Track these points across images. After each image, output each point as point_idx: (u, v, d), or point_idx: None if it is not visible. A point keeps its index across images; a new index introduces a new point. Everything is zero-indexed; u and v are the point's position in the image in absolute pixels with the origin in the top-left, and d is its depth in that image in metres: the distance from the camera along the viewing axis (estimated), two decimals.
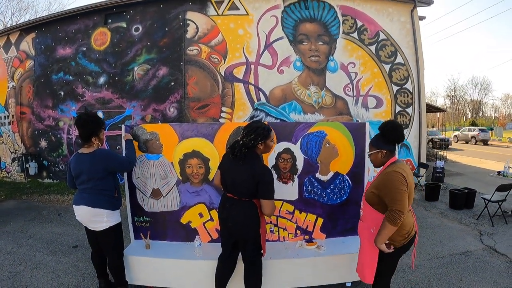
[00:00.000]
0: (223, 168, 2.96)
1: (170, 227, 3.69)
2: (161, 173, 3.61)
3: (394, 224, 2.38)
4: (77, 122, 3.15)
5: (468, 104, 60.77)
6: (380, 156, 2.64)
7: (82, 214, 3.12)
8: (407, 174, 2.49)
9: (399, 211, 2.35)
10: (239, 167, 2.76)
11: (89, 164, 3.05)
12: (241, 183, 2.77)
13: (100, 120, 3.26)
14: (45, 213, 6.95)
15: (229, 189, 2.87)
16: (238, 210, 2.82)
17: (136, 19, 9.35)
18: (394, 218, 2.37)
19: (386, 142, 2.61)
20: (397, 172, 2.46)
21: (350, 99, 9.08)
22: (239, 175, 2.78)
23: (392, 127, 2.58)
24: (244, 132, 2.81)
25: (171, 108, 9.07)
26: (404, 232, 2.53)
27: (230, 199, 2.86)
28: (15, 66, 10.75)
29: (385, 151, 2.61)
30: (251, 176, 2.72)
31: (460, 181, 9.75)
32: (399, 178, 2.43)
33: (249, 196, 2.81)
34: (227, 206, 2.87)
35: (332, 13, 9.02)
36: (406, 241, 2.58)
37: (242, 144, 2.78)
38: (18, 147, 10.79)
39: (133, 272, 3.42)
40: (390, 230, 2.43)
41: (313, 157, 3.59)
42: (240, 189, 2.80)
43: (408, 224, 2.57)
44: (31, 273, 4.11)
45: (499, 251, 4.65)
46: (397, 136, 2.59)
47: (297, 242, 3.63)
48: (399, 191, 2.40)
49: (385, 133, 2.61)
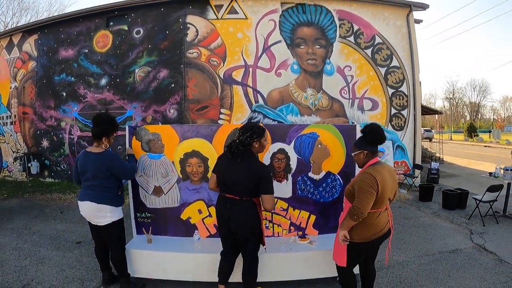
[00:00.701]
0: (220, 170, 3.00)
1: (171, 223, 3.86)
2: (162, 172, 3.78)
3: (353, 219, 2.60)
4: (94, 119, 3.33)
5: (467, 106, 60.92)
6: (362, 157, 2.79)
7: (87, 209, 3.28)
8: (382, 177, 2.63)
9: (359, 208, 2.55)
10: (238, 166, 2.84)
11: (95, 163, 3.22)
12: (241, 182, 2.84)
13: (116, 124, 3.44)
14: (47, 211, 7.06)
15: (229, 189, 2.92)
16: (241, 210, 2.88)
17: (137, 22, 9.52)
18: (353, 213, 2.57)
19: (368, 143, 2.76)
20: (370, 174, 2.61)
21: (346, 101, 9.27)
22: (238, 174, 2.84)
23: (373, 129, 2.74)
24: (240, 131, 2.91)
25: (171, 109, 9.23)
26: (371, 232, 2.71)
27: (231, 200, 2.91)
28: (17, 67, 10.91)
29: (366, 151, 2.76)
30: (250, 173, 2.81)
31: (455, 182, 9.87)
32: (370, 181, 2.58)
33: (249, 195, 2.88)
34: (228, 207, 2.91)
35: (329, 17, 9.22)
36: (371, 239, 2.73)
37: (238, 142, 2.86)
38: (20, 147, 10.93)
39: (135, 265, 3.58)
40: (350, 223, 2.65)
41: (306, 157, 3.76)
42: (240, 188, 2.86)
43: (380, 223, 2.73)
44: (36, 267, 4.23)
45: (488, 249, 4.77)
46: (377, 137, 2.74)
47: (291, 237, 3.80)
48: (365, 192, 2.57)
49: (366, 135, 2.77)
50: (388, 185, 2.69)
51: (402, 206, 7.28)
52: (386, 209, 2.81)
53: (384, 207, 2.74)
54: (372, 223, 2.68)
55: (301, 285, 3.63)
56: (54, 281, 3.85)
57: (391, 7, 9.52)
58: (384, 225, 2.77)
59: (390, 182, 2.72)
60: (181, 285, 3.64)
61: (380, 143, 2.79)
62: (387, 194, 2.69)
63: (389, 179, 2.72)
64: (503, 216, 6.26)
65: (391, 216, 2.89)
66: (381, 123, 9.30)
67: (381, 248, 3.09)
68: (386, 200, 2.73)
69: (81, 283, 3.81)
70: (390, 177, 2.75)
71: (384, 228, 2.78)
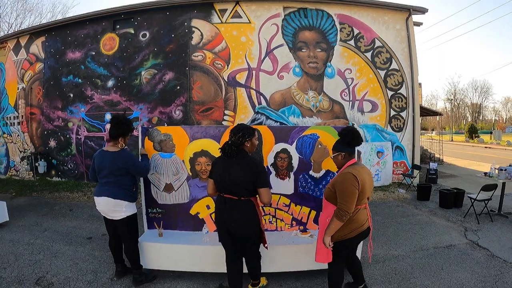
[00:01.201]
0: (217, 173, 3.05)
1: (180, 218, 4.11)
2: (173, 170, 4.03)
3: (341, 220, 2.74)
4: (112, 120, 3.57)
5: (469, 107, 60.76)
6: (340, 158, 2.95)
7: (103, 204, 3.50)
8: (361, 176, 2.77)
9: (345, 210, 2.70)
10: (234, 166, 2.94)
11: (111, 161, 3.45)
12: (238, 181, 2.92)
13: (132, 126, 3.68)
14: (57, 209, 7.24)
15: (227, 190, 2.99)
16: (240, 210, 2.96)
17: (144, 25, 9.74)
18: (340, 215, 2.72)
19: (345, 145, 2.92)
20: (350, 173, 2.76)
21: (346, 103, 9.49)
22: (235, 174, 2.93)
23: (349, 132, 2.91)
24: (232, 132, 3.00)
25: (176, 111, 9.45)
26: (351, 228, 2.86)
27: (230, 200, 2.99)
28: (25, 68, 11.12)
29: (344, 153, 2.92)
30: (246, 171, 2.91)
31: (454, 182, 10.00)
32: (352, 180, 2.72)
33: (248, 193, 2.97)
34: (228, 207, 2.98)
35: (330, 22, 9.44)
36: (352, 235, 2.88)
37: (231, 143, 2.96)
38: (27, 147, 11.12)
39: (147, 257, 3.83)
40: (337, 225, 2.78)
41: (307, 157, 4.01)
42: (238, 188, 2.94)
43: (358, 220, 2.88)
44: (50, 261, 4.42)
45: (481, 245, 4.94)
46: (354, 139, 2.89)
47: (293, 231, 4.04)
48: (348, 192, 2.72)
49: (343, 138, 2.93)
50: (367, 183, 2.85)
51: (400, 205, 7.46)
52: (365, 208, 2.97)
53: (363, 205, 2.90)
54: (351, 220, 2.82)
55: (302, 276, 3.84)
56: (69, 273, 4.04)
57: (391, 11, 9.74)
58: (364, 222, 2.93)
59: (368, 182, 2.87)
60: (190, 276, 3.86)
61: (357, 144, 2.93)
62: (366, 192, 2.85)
63: (368, 179, 2.87)
64: (498, 215, 6.42)
65: (369, 215, 3.06)
66: (381, 124, 9.55)
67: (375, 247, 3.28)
68: (366, 198, 2.90)
69: (95, 274, 4.00)
70: (368, 177, 2.90)
71: (364, 225, 2.93)
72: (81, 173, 10.30)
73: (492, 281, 3.82)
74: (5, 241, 5.20)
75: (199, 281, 3.80)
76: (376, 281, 3.85)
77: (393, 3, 9.70)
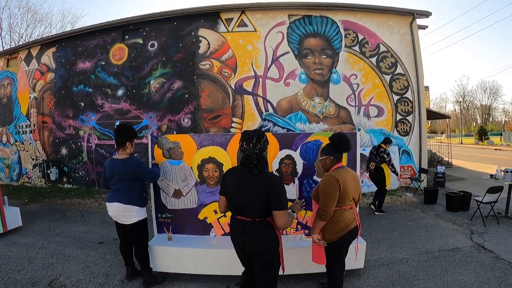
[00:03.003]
0: (228, 191, 2.68)
1: (189, 222, 4.24)
2: (182, 176, 4.17)
3: (321, 219, 2.89)
4: (115, 130, 3.74)
5: (478, 109, 59.98)
6: (328, 162, 3.06)
7: (115, 209, 3.64)
8: (344, 178, 2.89)
9: (324, 209, 2.85)
10: (249, 183, 2.55)
11: (121, 168, 3.60)
12: (252, 201, 2.53)
13: (133, 129, 3.83)
14: (69, 215, 7.41)
15: (240, 211, 2.62)
16: (255, 234, 2.56)
17: (152, 35, 9.98)
18: (320, 214, 2.88)
19: (334, 150, 3.03)
20: (332, 175, 2.90)
21: (352, 109, 9.59)
22: (249, 193, 2.54)
23: (339, 138, 3.02)
24: (253, 140, 2.54)
25: (185, 118, 9.64)
26: (338, 227, 2.96)
27: (243, 222, 2.60)
28: (36, 78, 11.43)
29: (332, 157, 3.03)
30: (265, 189, 2.50)
31: (462, 185, 9.96)
32: (331, 182, 2.86)
33: (263, 214, 2.56)
34: (241, 230, 2.60)
35: (334, 28, 9.58)
36: (341, 234, 2.98)
37: (258, 152, 2.56)
38: (39, 154, 11.39)
39: (157, 260, 3.97)
40: (319, 223, 2.93)
41: (311, 162, 4.10)
42: (251, 209, 2.55)
43: (345, 220, 2.98)
44: (63, 264, 4.55)
45: (486, 248, 4.95)
46: (343, 145, 3.01)
47: (298, 235, 4.15)
48: (327, 193, 2.86)
49: (334, 143, 3.04)
50: (350, 185, 2.95)
51: (407, 208, 7.50)
52: (351, 208, 3.07)
53: (348, 206, 3.01)
54: (337, 220, 2.95)
55: (307, 278, 3.93)
56: (81, 276, 4.17)
57: (395, 15, 9.85)
58: (351, 221, 3.02)
59: (352, 183, 2.99)
60: (198, 278, 3.98)
61: (346, 150, 3.07)
62: (349, 193, 2.96)
63: (351, 181, 2.99)
64: (505, 217, 6.42)
65: (357, 215, 3.15)
66: (387, 128, 9.61)
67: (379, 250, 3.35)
68: (349, 199, 3.00)
69: (106, 277, 4.13)
70: (353, 179, 3.02)
71: (351, 224, 3.02)
72: (92, 180, 10.52)
73: (496, 283, 3.84)
74: (19, 245, 5.35)
75: (207, 283, 3.91)
76: (380, 283, 3.91)
77: (397, 8, 9.83)
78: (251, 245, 2.60)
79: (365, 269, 4.24)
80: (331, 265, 3.16)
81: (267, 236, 2.59)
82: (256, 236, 2.57)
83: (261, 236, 2.57)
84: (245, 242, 2.60)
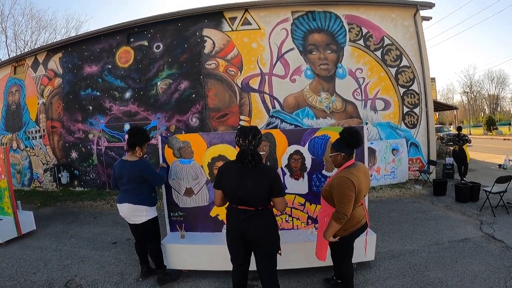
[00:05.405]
0: (227, 185, 2.83)
1: (201, 220, 4.32)
2: (192, 175, 4.24)
3: (339, 223, 2.81)
4: (128, 131, 3.81)
5: (486, 99, 59.20)
6: (339, 158, 2.98)
7: (125, 210, 3.72)
8: (357, 179, 2.81)
9: (343, 213, 2.76)
10: (251, 176, 2.73)
11: (129, 170, 3.66)
12: (257, 191, 2.73)
13: (147, 134, 3.90)
14: (81, 217, 7.50)
15: (243, 202, 2.78)
16: (259, 221, 2.78)
17: (157, 37, 10.07)
18: (339, 218, 2.78)
19: (345, 146, 2.94)
20: (347, 178, 2.79)
21: (359, 103, 9.61)
22: (252, 185, 2.72)
23: (350, 133, 2.92)
24: (249, 135, 2.75)
25: (193, 118, 9.73)
26: (349, 224, 2.93)
27: (246, 212, 2.78)
28: (44, 83, 11.55)
29: (343, 154, 2.95)
30: (265, 180, 2.72)
31: (471, 176, 9.87)
32: (348, 184, 2.76)
33: (264, 203, 2.79)
34: (243, 219, 2.77)
35: (338, 23, 9.59)
36: (351, 231, 2.97)
37: (253, 148, 2.75)
38: (50, 159, 11.53)
39: (171, 258, 4.06)
40: (336, 227, 2.85)
41: (319, 157, 4.16)
42: (256, 199, 2.74)
43: (355, 217, 2.96)
44: (78, 265, 4.64)
45: (496, 237, 4.98)
46: (354, 141, 2.91)
47: (308, 229, 4.22)
48: (345, 196, 2.76)
49: (344, 139, 2.95)
50: (363, 184, 2.91)
51: (417, 201, 7.51)
52: (362, 205, 3.07)
53: (359, 204, 2.97)
54: (349, 218, 2.86)
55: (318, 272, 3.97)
56: (96, 276, 4.27)
57: (398, 8, 9.80)
58: (361, 218, 3.04)
59: (364, 182, 2.94)
60: (212, 275, 4.06)
61: (357, 146, 2.97)
62: (362, 192, 2.92)
63: (364, 179, 2.93)
64: None
65: (366, 211, 3.18)
66: (394, 121, 9.61)
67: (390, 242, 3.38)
68: (361, 197, 2.97)
69: (121, 276, 4.22)
70: (365, 177, 2.96)
71: (361, 221, 3.05)
72: (103, 182, 10.65)
73: (506, 272, 3.88)
74: (34, 248, 5.45)
75: (220, 279, 3.98)
76: (391, 275, 3.96)
77: (399, 0, 9.78)
78: (255, 233, 2.80)
79: (376, 261, 4.28)
80: (339, 261, 3.19)
81: (270, 223, 2.87)
82: (261, 225, 2.79)
83: (265, 223, 2.82)
84: (248, 229, 2.79)
